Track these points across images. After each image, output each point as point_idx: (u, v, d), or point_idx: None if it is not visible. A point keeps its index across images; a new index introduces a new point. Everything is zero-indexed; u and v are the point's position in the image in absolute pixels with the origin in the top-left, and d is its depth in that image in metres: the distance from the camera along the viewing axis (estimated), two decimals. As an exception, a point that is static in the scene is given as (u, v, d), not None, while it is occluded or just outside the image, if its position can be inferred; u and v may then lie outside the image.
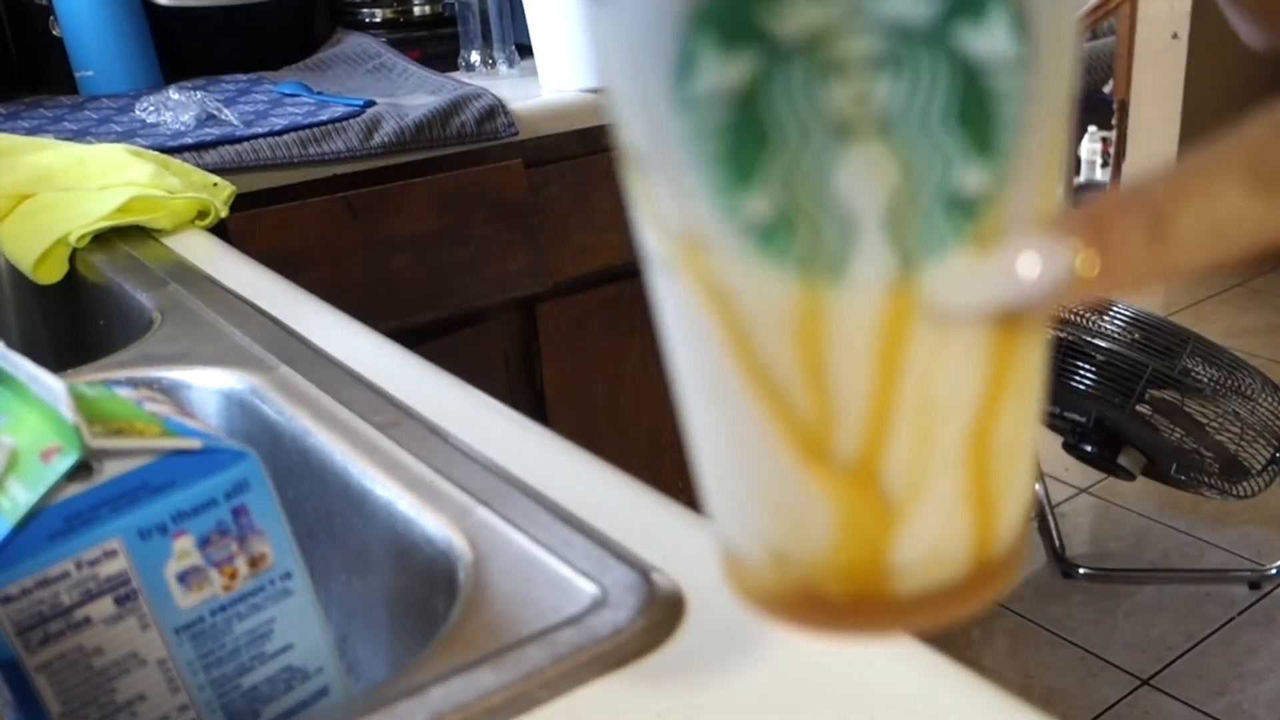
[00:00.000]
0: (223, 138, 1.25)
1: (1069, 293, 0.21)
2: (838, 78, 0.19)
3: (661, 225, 0.22)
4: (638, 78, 0.20)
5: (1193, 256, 0.20)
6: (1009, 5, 0.19)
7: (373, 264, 1.33)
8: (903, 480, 0.22)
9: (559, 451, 0.58)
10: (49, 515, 0.41)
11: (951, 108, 0.19)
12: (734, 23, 0.19)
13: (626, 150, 0.22)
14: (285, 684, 0.48)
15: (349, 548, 0.59)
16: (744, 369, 0.22)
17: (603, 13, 0.21)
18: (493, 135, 1.38)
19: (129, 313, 0.86)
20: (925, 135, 0.19)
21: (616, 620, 0.45)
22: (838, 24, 0.18)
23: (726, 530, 0.25)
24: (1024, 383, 0.23)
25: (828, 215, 0.20)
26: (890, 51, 0.19)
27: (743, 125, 0.19)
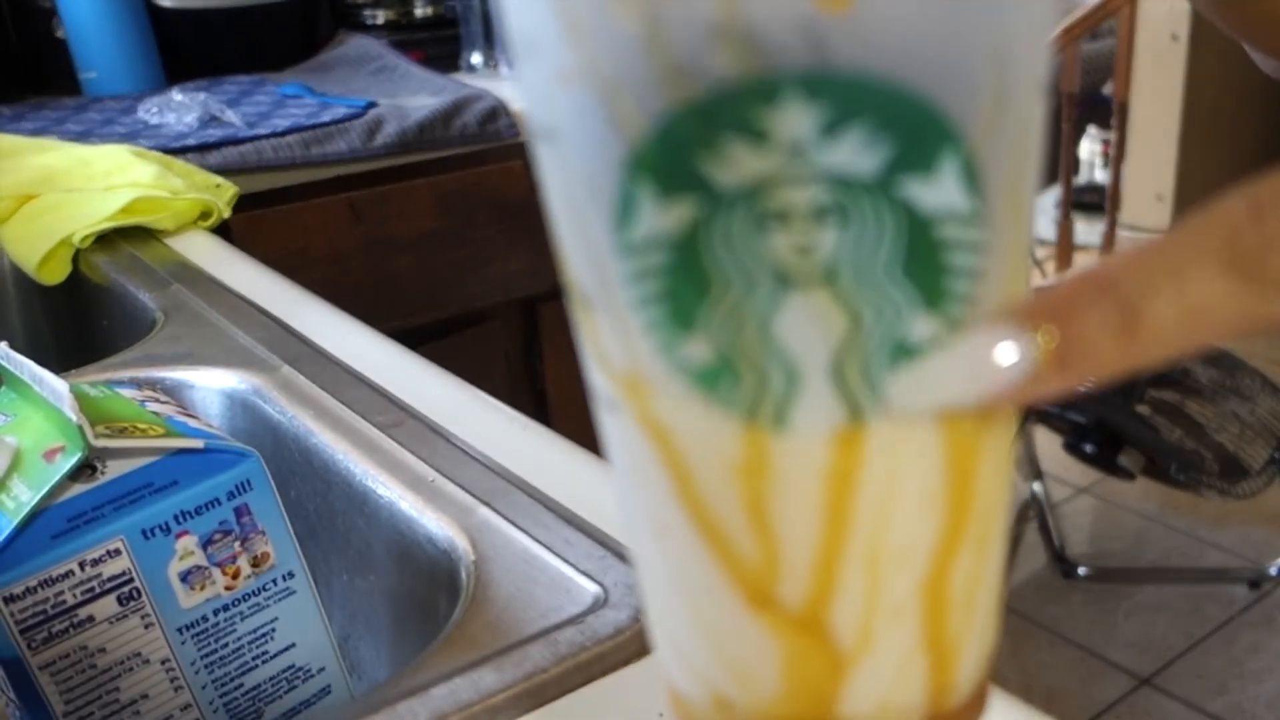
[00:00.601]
0: (226, 139, 1.25)
1: (1031, 389, 0.20)
2: (780, 227, 0.18)
3: (606, 364, 0.21)
4: (580, 218, 0.20)
5: (1166, 347, 0.19)
6: (959, 158, 0.18)
7: (375, 264, 1.33)
8: (852, 630, 0.21)
9: (561, 451, 0.58)
10: (52, 515, 0.42)
11: (900, 258, 0.19)
12: (674, 169, 0.18)
13: (571, 287, 0.22)
14: (288, 683, 0.48)
15: (351, 547, 0.59)
16: (688, 511, 0.21)
17: (545, 150, 0.20)
18: (494, 136, 1.38)
19: (132, 313, 0.86)
20: (873, 285, 0.19)
21: (618, 620, 0.45)
22: (780, 174, 0.18)
23: (670, 668, 0.25)
24: (982, 531, 0.22)
25: (771, 362, 0.19)
26: (834, 202, 0.18)
27: (683, 270, 0.19)
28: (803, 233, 0.18)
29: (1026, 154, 0.20)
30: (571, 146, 0.19)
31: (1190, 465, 1.75)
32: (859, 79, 0.17)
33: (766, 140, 0.18)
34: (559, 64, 0.19)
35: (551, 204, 0.21)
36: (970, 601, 0.23)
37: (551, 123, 0.20)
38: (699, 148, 0.18)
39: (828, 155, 0.18)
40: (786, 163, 0.18)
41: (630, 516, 0.23)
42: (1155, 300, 0.19)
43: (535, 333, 1.49)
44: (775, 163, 0.18)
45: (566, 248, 0.21)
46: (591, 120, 0.19)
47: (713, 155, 0.18)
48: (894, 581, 0.21)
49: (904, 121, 0.18)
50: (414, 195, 1.34)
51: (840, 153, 0.18)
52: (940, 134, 0.18)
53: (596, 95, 0.18)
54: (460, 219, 1.38)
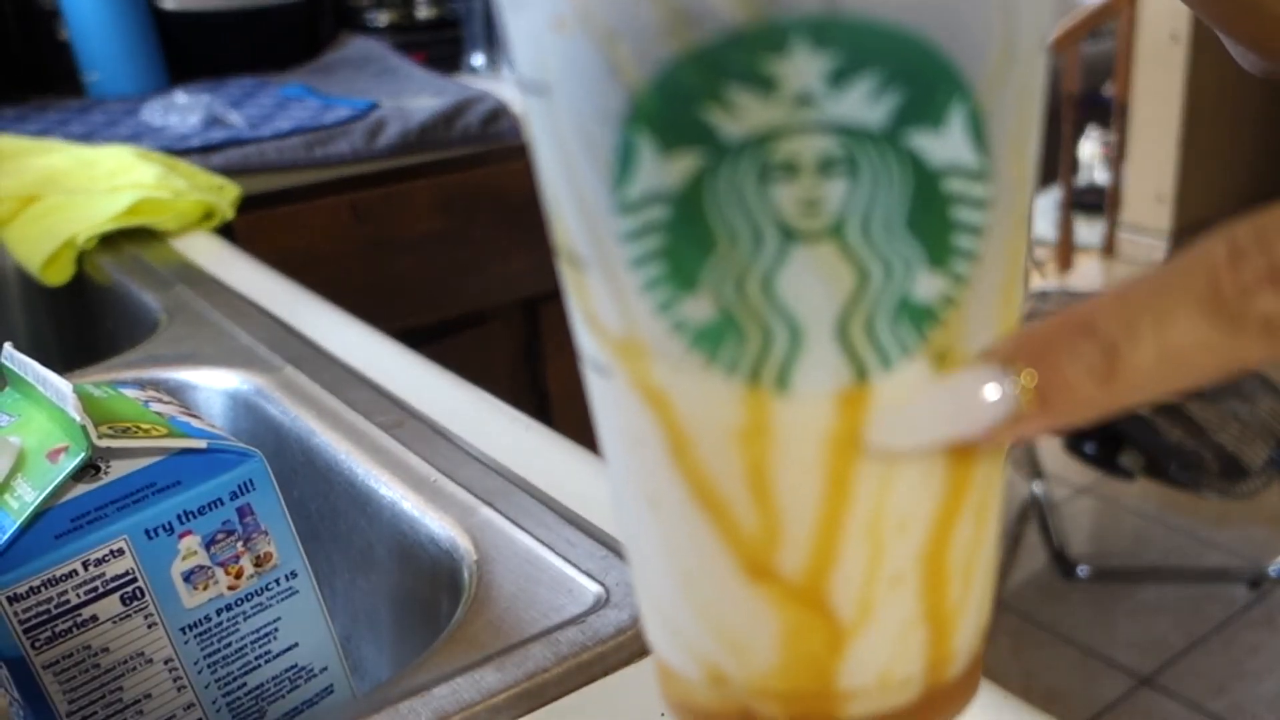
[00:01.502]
0: (229, 140, 1.25)
1: (1013, 429, 0.20)
2: (787, 179, 0.18)
3: (598, 326, 0.21)
4: (574, 175, 0.19)
5: (1146, 391, 0.19)
6: (967, 111, 0.18)
7: (377, 265, 1.33)
8: (852, 601, 0.21)
9: (563, 451, 0.59)
10: (56, 515, 0.42)
11: (906, 213, 0.18)
12: (677, 120, 0.18)
13: (560, 247, 0.21)
14: (290, 683, 0.48)
15: (353, 547, 0.59)
16: (685, 480, 0.21)
17: (536, 104, 0.20)
18: (496, 137, 1.39)
19: (136, 314, 0.87)
20: (879, 240, 0.18)
21: (620, 620, 0.45)
22: (787, 124, 0.17)
23: (660, 642, 0.24)
24: (981, 501, 0.22)
25: (776, 321, 0.19)
26: (843, 153, 0.18)
27: (685, 225, 0.18)
28: (810, 185, 0.18)
29: (1031, 110, 0.19)
30: (566, 98, 0.19)
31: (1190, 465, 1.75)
32: (869, 26, 0.17)
33: (774, 89, 0.17)
34: (553, 10, 0.18)
35: (541, 161, 0.20)
36: (969, 571, 0.22)
37: (544, 74, 0.19)
38: (703, 97, 0.17)
39: (836, 105, 0.17)
40: (794, 112, 0.17)
41: (620, 485, 0.23)
42: (1136, 342, 0.19)
43: (537, 333, 1.49)
44: (783, 112, 0.17)
45: (557, 206, 0.20)
46: (588, 69, 0.18)
47: (718, 105, 0.17)
48: (894, 551, 0.21)
49: (913, 71, 0.17)
50: (416, 196, 1.35)
51: (849, 102, 0.17)
52: (950, 85, 0.18)
53: (594, 43, 0.18)
54: (462, 220, 1.38)
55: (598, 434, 0.23)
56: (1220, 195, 3.16)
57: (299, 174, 1.27)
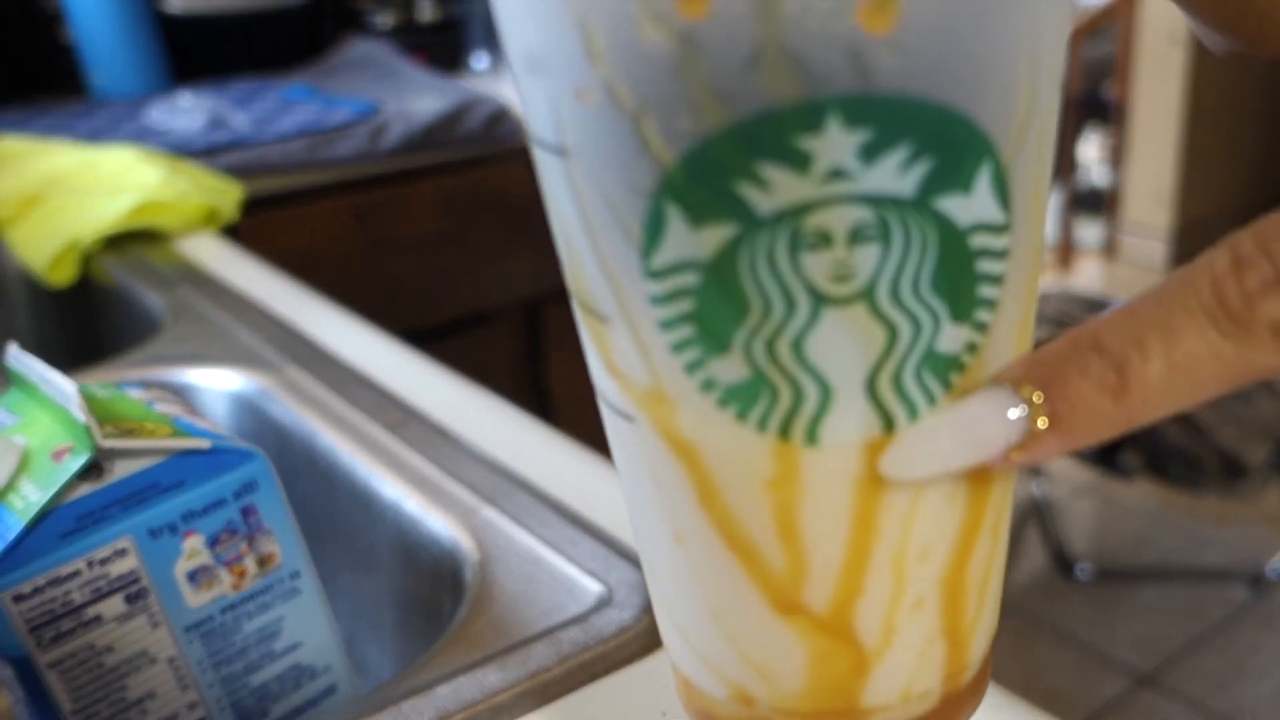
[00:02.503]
0: (232, 141, 1.25)
1: (1029, 453, 0.20)
2: (820, 248, 0.18)
3: (619, 375, 0.21)
4: (596, 236, 0.19)
5: (1159, 405, 0.19)
6: (993, 170, 0.18)
7: (379, 266, 1.33)
8: (877, 628, 0.22)
9: (565, 451, 0.59)
10: (60, 515, 0.42)
11: (934, 271, 0.19)
12: (708, 193, 0.18)
13: (579, 297, 0.21)
14: (294, 682, 0.49)
15: (356, 547, 0.59)
16: (712, 523, 0.21)
17: (553, 162, 0.19)
18: (499, 139, 1.39)
19: (139, 314, 0.87)
20: (909, 299, 0.19)
21: (622, 619, 0.45)
22: (820, 197, 0.17)
23: (684, 661, 0.24)
24: (997, 519, 0.22)
25: (807, 379, 0.19)
26: (874, 222, 0.18)
27: (716, 291, 0.18)
28: (842, 253, 0.18)
29: (1047, 153, 0.20)
30: (588, 164, 0.19)
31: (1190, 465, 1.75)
32: (901, 100, 0.17)
33: (808, 165, 0.17)
34: (576, 81, 0.18)
35: (560, 217, 0.20)
36: (985, 585, 0.23)
37: (564, 138, 0.19)
38: (735, 172, 0.17)
39: (868, 177, 0.17)
40: (827, 186, 0.17)
41: (644, 520, 0.23)
42: (1146, 356, 0.19)
43: (539, 333, 1.49)
44: (816, 186, 0.17)
45: (576, 259, 0.20)
46: (613, 141, 0.18)
47: (750, 179, 0.17)
48: (917, 578, 0.21)
49: (943, 139, 0.18)
50: (418, 198, 1.35)
51: (880, 174, 0.17)
52: (978, 149, 0.18)
53: (621, 117, 0.18)
54: (464, 221, 1.38)
55: (617, 465, 0.23)
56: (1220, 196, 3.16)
57: (302, 176, 1.27)
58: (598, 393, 0.22)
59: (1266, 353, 0.18)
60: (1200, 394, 0.19)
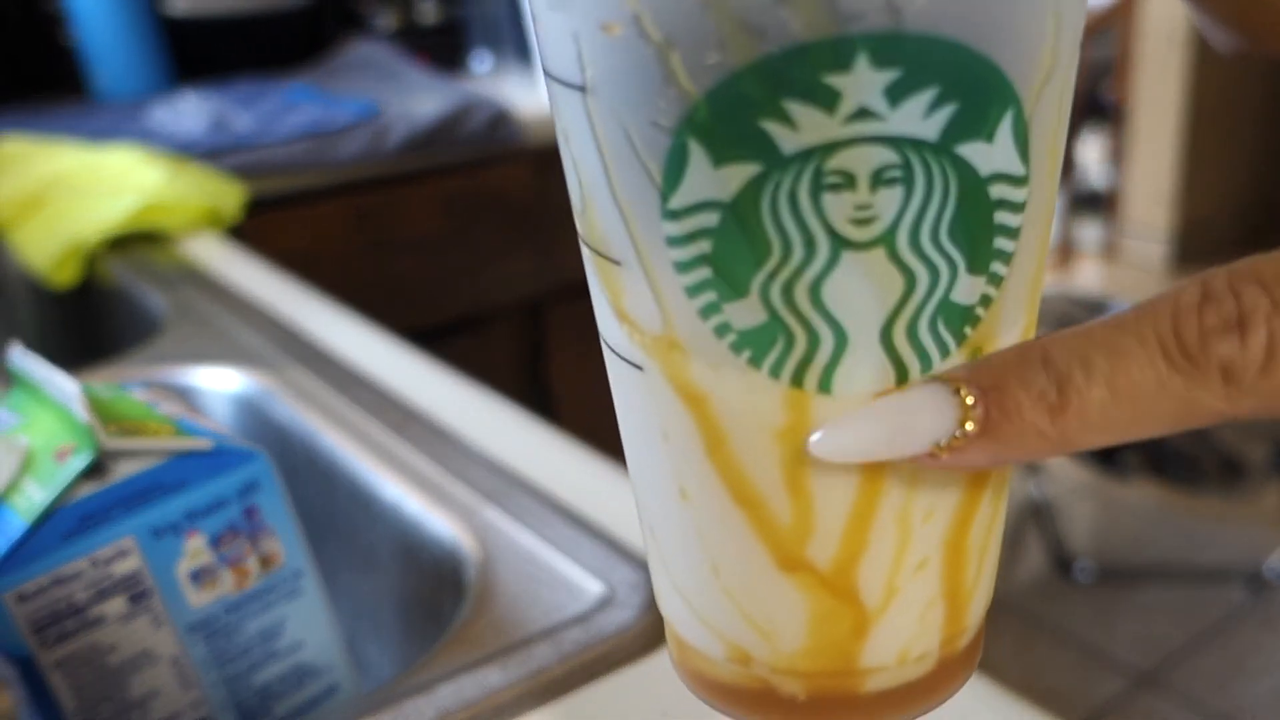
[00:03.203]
0: (235, 142, 1.26)
1: (956, 455, 0.19)
2: (842, 189, 0.18)
3: (630, 322, 0.21)
4: (614, 176, 0.19)
5: (1096, 431, 0.19)
6: (1015, 121, 0.18)
7: (381, 267, 1.33)
8: (879, 587, 0.22)
9: (566, 451, 0.59)
10: (64, 515, 0.42)
11: (953, 219, 0.18)
12: (733, 131, 0.17)
13: (590, 241, 0.21)
14: (296, 681, 0.49)
15: (358, 547, 0.60)
16: (718, 474, 0.21)
17: (571, 99, 0.19)
18: (500, 140, 1.39)
19: (142, 315, 0.87)
20: (928, 246, 0.19)
21: (623, 619, 0.45)
22: (845, 136, 0.17)
23: (679, 619, 0.24)
24: (1000, 479, 0.22)
25: (823, 325, 0.19)
26: (898, 163, 0.18)
27: (736, 233, 0.18)
28: (864, 195, 0.18)
29: (1065, 110, 0.20)
30: (609, 100, 0.18)
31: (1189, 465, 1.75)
32: (930, 40, 0.17)
33: (835, 102, 0.17)
34: (602, 13, 0.18)
35: (575, 157, 0.20)
36: (985, 550, 0.23)
37: (584, 74, 0.18)
38: (762, 108, 0.17)
39: (894, 118, 0.17)
40: (853, 125, 0.17)
41: (645, 473, 0.23)
42: (1089, 378, 0.18)
43: (541, 334, 1.49)
44: (841, 125, 0.17)
45: (589, 202, 0.20)
46: (638, 75, 0.18)
47: (776, 116, 0.17)
48: (921, 538, 0.21)
49: (969, 84, 0.17)
50: (420, 199, 1.35)
51: (906, 115, 0.17)
52: (1003, 96, 0.18)
53: (647, 50, 0.17)
54: (466, 222, 1.38)
55: (621, 420, 0.23)
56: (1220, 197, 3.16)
57: (304, 177, 1.27)
58: (605, 343, 0.22)
59: (1213, 395, 0.18)
60: (1140, 427, 0.18)
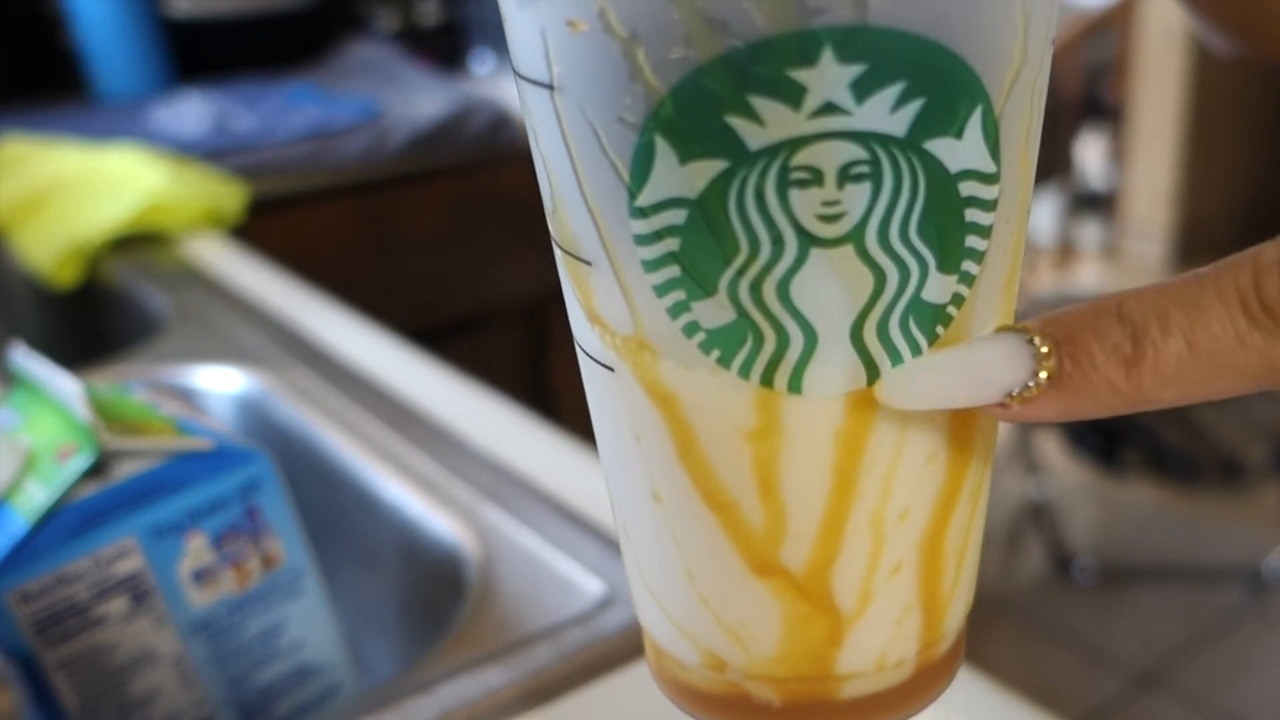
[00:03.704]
0: (237, 142, 1.26)
1: (1029, 407, 0.19)
2: (810, 185, 0.17)
3: (600, 323, 0.21)
4: (582, 175, 0.19)
5: (1171, 386, 0.18)
6: (984, 117, 0.18)
7: (384, 268, 1.34)
8: (854, 592, 0.21)
9: (567, 451, 0.59)
10: (66, 515, 0.42)
11: (922, 216, 0.18)
12: (699, 126, 0.17)
13: (561, 242, 0.21)
14: (297, 681, 0.49)
15: (359, 546, 0.60)
16: (689, 477, 0.21)
17: (539, 98, 0.19)
18: (502, 141, 1.39)
19: (144, 315, 0.87)
20: (897, 244, 0.18)
21: (624, 619, 0.45)
22: (812, 131, 0.17)
23: (654, 626, 0.24)
24: (977, 483, 0.22)
25: (792, 324, 0.19)
26: (866, 159, 0.17)
27: (704, 229, 0.18)
28: (832, 190, 0.18)
29: (1037, 107, 0.19)
30: (577, 97, 0.18)
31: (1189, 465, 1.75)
32: (896, 35, 0.17)
33: (801, 97, 0.17)
34: (568, 10, 0.17)
35: (545, 156, 0.20)
36: (962, 554, 0.23)
37: (553, 71, 0.18)
38: (727, 104, 0.17)
39: (861, 113, 0.17)
40: (819, 120, 0.17)
41: (618, 476, 0.22)
42: (1166, 331, 0.18)
43: (543, 334, 1.49)
44: (808, 120, 0.17)
45: (559, 202, 0.20)
46: (604, 72, 0.18)
47: (742, 112, 0.17)
48: (896, 541, 0.21)
49: (937, 79, 0.17)
50: (423, 200, 1.35)
51: (873, 110, 0.17)
52: (971, 93, 0.18)
53: (612, 46, 0.17)
54: (468, 223, 1.38)
55: (595, 423, 0.23)
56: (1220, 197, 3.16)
57: (307, 178, 1.27)
58: (578, 345, 0.22)
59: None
60: (1217, 384, 0.18)
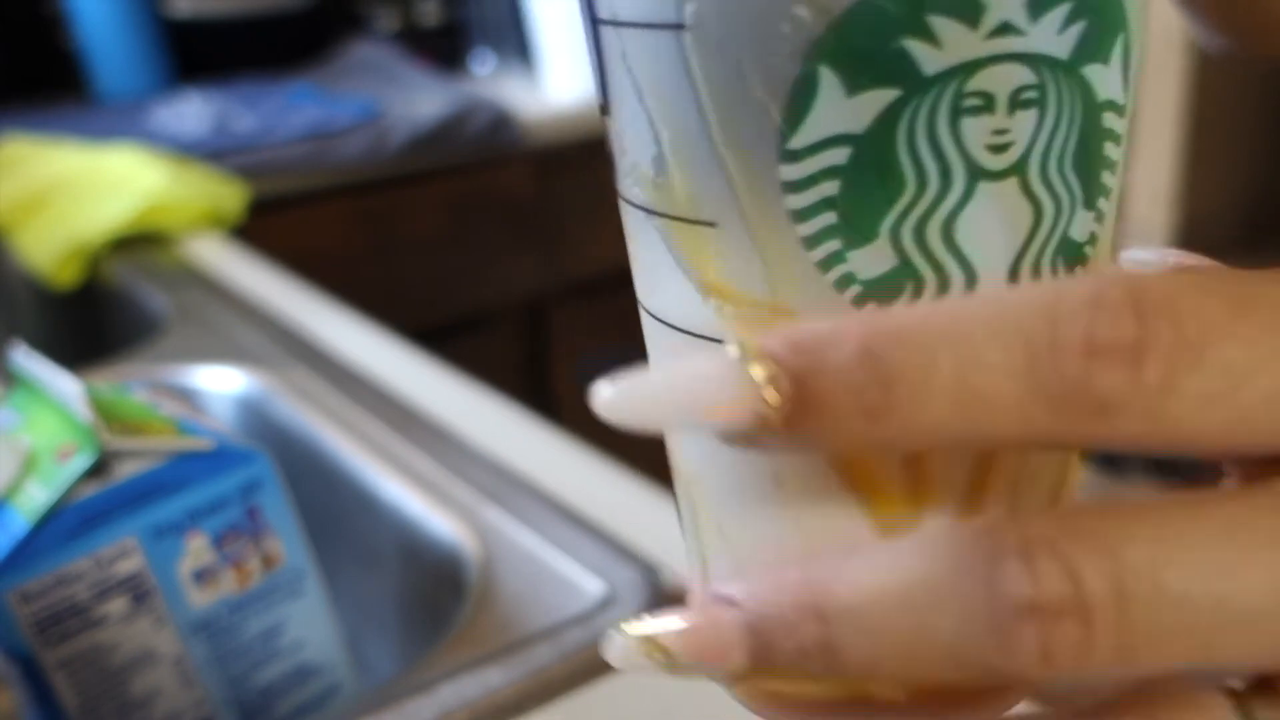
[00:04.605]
0: (237, 142, 1.26)
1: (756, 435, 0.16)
2: (982, 112, 0.17)
3: (723, 292, 0.19)
4: (723, 123, 0.17)
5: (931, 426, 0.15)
6: (1124, 45, 0.17)
7: (384, 268, 1.34)
8: None
9: (568, 451, 0.59)
10: (66, 515, 0.42)
11: (1074, 148, 0.17)
12: (872, 53, 0.16)
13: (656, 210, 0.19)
14: (297, 681, 0.49)
15: (359, 546, 0.60)
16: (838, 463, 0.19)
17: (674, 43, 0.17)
18: (502, 142, 1.39)
19: (144, 315, 0.87)
20: (1054, 177, 0.17)
21: (625, 619, 0.45)
22: (988, 53, 0.16)
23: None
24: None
25: (954, 266, 0.17)
26: (1035, 84, 0.17)
27: (867, 170, 0.17)
28: (1003, 118, 0.17)
29: (1146, 40, 0.19)
30: (717, 33, 0.17)
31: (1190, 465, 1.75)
32: None
33: (979, 16, 0.16)
34: None
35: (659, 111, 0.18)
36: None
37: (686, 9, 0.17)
38: (903, 26, 0.16)
39: (1033, 33, 0.16)
40: (995, 41, 0.16)
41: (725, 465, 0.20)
42: (925, 381, 0.15)
43: (543, 335, 1.49)
44: (984, 40, 0.16)
45: (681, 163, 0.18)
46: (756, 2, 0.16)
47: (919, 34, 0.16)
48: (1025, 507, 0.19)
49: (1095, 2, 0.17)
50: (423, 200, 1.35)
51: (1043, 32, 0.16)
52: (1118, 17, 0.17)
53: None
54: (468, 223, 1.38)
55: None
56: (1220, 197, 3.16)
57: (306, 178, 1.27)
58: (670, 327, 0.20)
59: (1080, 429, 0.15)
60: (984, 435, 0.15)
